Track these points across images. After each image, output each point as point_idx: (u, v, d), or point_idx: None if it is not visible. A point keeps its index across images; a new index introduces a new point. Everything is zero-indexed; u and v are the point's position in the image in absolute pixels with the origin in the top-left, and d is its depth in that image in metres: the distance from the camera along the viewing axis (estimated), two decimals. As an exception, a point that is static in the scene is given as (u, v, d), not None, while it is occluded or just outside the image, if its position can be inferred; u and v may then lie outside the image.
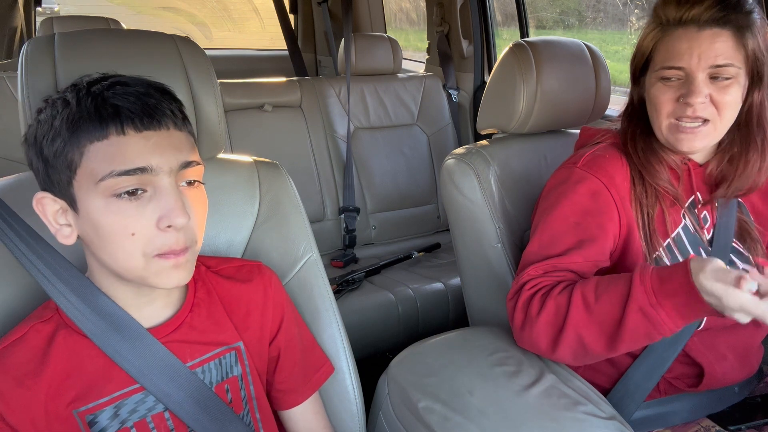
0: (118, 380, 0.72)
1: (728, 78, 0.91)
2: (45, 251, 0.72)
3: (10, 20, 2.63)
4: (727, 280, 0.73)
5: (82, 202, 0.66)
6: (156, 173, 0.66)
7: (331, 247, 2.20)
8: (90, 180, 0.65)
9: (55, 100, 0.68)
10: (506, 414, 0.85)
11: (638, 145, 1.00)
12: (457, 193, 1.24)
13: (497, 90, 1.30)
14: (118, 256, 0.67)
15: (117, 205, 0.65)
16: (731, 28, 0.90)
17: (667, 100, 0.94)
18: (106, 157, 0.65)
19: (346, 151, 2.23)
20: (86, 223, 0.67)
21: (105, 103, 0.65)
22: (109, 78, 0.69)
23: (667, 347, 0.98)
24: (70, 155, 0.65)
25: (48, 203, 0.69)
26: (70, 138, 0.65)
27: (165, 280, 0.68)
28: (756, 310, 0.72)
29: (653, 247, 0.97)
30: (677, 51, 0.92)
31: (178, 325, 0.76)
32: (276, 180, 1.01)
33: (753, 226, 1.04)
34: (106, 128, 0.65)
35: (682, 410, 1.03)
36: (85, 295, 0.71)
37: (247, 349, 0.82)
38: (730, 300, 0.72)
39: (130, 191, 0.65)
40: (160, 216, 0.66)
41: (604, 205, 0.97)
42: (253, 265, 0.87)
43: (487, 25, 2.42)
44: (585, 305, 0.85)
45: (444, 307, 1.90)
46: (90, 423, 0.70)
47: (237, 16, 7.31)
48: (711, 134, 0.94)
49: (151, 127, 0.66)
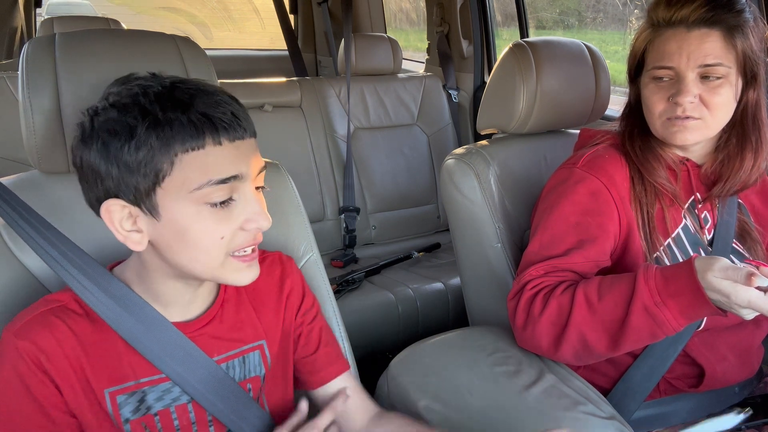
0: (146, 366, 0.73)
1: (719, 78, 0.91)
2: (56, 238, 0.73)
3: (11, 20, 2.63)
4: (737, 277, 0.73)
5: (167, 209, 0.66)
6: (243, 180, 0.68)
7: (331, 247, 2.20)
8: (181, 188, 0.66)
9: (125, 104, 0.65)
10: (506, 414, 0.85)
11: (636, 143, 1.01)
12: (457, 193, 1.24)
13: (497, 90, 1.30)
14: (200, 259, 0.69)
15: (209, 212, 0.67)
16: (720, 29, 0.90)
17: (659, 100, 0.95)
18: (202, 167, 0.65)
19: (346, 151, 2.23)
20: (169, 228, 0.67)
21: (197, 112, 0.65)
22: (171, 81, 0.68)
23: (667, 347, 0.98)
24: (158, 164, 0.65)
25: (116, 210, 0.68)
26: (161, 147, 0.64)
27: (241, 277, 0.72)
28: (764, 306, 0.73)
29: (653, 247, 0.97)
30: (667, 51, 0.93)
31: (209, 320, 0.77)
32: (276, 180, 1.01)
33: (753, 226, 1.05)
34: (202, 138, 0.65)
35: (682, 410, 1.03)
36: (98, 280, 0.72)
37: (271, 345, 0.82)
38: (739, 296, 0.73)
39: (223, 201, 0.67)
40: (246, 219, 0.69)
41: (604, 204, 0.97)
42: (274, 257, 0.88)
43: (487, 26, 2.42)
44: (588, 305, 0.86)
45: (444, 307, 1.90)
46: (120, 405, 0.72)
47: (237, 16, 7.31)
48: (702, 129, 0.95)
49: (239, 137, 0.68)
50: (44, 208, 0.79)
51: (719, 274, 0.75)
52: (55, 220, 0.76)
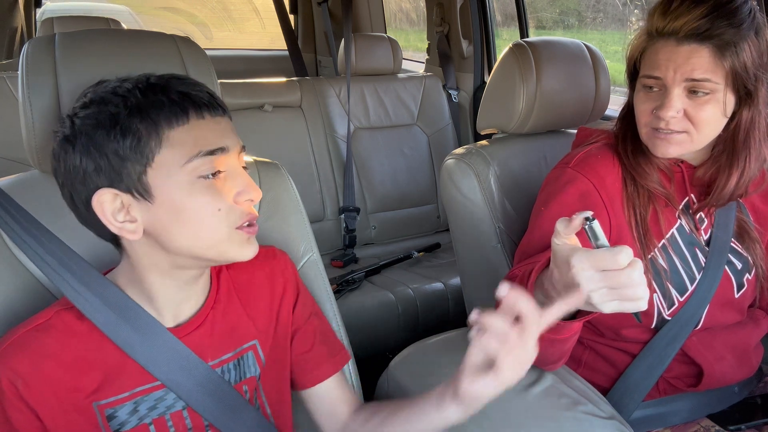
0: (138, 375, 0.72)
1: (706, 93, 0.89)
2: (51, 242, 0.73)
3: (11, 20, 2.63)
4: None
5: (160, 188, 0.67)
6: (229, 154, 0.70)
7: (331, 247, 2.21)
8: (172, 165, 0.67)
9: (102, 98, 0.67)
10: (506, 414, 0.85)
11: (629, 147, 1.00)
12: (457, 193, 1.25)
13: (497, 90, 1.30)
14: (201, 234, 0.69)
15: (202, 184, 0.68)
16: (711, 45, 0.88)
17: (645, 110, 0.94)
18: (189, 139, 0.67)
19: (346, 151, 2.24)
20: (164, 209, 0.68)
21: (176, 92, 0.68)
22: (145, 75, 0.70)
23: (665, 346, 0.98)
24: (146, 145, 0.66)
25: (107, 200, 0.67)
26: (147, 128, 0.66)
27: (245, 252, 0.72)
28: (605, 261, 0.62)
29: (648, 248, 0.97)
30: (656, 62, 0.91)
31: (201, 322, 0.77)
32: (276, 180, 1.01)
33: (752, 225, 1.05)
34: (186, 114, 0.67)
35: (681, 410, 1.03)
36: (94, 286, 0.71)
37: (264, 343, 0.82)
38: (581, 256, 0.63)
39: (213, 172, 0.68)
40: (238, 191, 0.70)
41: (592, 206, 0.96)
42: (268, 252, 0.86)
43: (487, 26, 2.42)
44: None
45: (444, 307, 1.90)
46: (109, 417, 0.71)
47: (237, 16, 7.30)
48: (686, 143, 0.94)
49: (219, 114, 0.71)
50: (43, 209, 0.79)
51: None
52: (53, 221, 0.76)
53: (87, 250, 0.76)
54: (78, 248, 0.74)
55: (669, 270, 0.98)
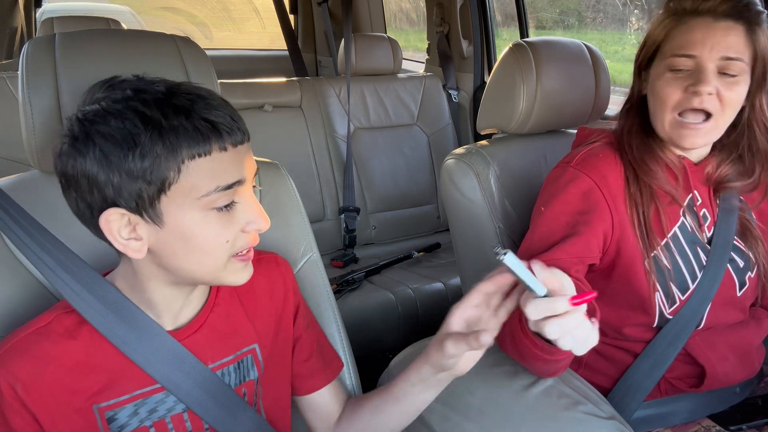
0: (138, 378, 0.72)
1: (735, 75, 0.91)
2: (51, 243, 0.72)
3: (11, 20, 2.63)
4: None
5: (172, 215, 0.65)
6: (244, 184, 0.69)
7: (331, 247, 2.21)
8: (188, 195, 0.65)
9: (120, 111, 0.63)
10: (506, 414, 0.85)
11: (634, 143, 1.00)
12: (457, 193, 1.25)
13: (497, 90, 1.30)
14: (204, 263, 0.69)
15: (214, 216, 0.67)
16: (744, 23, 0.91)
17: (674, 90, 0.93)
18: (209, 173, 0.65)
19: (346, 151, 2.24)
20: (173, 235, 0.66)
21: (200, 118, 0.64)
22: (167, 87, 0.66)
23: (667, 346, 0.98)
24: (165, 171, 0.63)
25: (114, 221, 0.66)
26: (167, 155, 0.63)
27: (239, 277, 0.72)
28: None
29: (651, 246, 0.97)
30: (690, 40, 0.92)
31: (201, 325, 0.77)
32: (276, 180, 1.01)
33: (755, 223, 1.04)
34: (209, 144, 0.64)
35: (682, 410, 1.03)
36: (93, 288, 0.71)
37: (263, 348, 0.82)
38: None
39: (227, 204, 0.67)
40: (247, 221, 0.69)
41: (594, 204, 0.97)
42: (270, 259, 0.87)
43: (487, 26, 2.42)
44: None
45: (444, 307, 1.88)
46: (109, 420, 0.71)
47: (237, 16, 7.30)
48: (713, 131, 0.95)
49: (239, 141, 0.68)
50: (43, 209, 0.79)
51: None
52: (53, 221, 0.76)
53: (87, 250, 0.76)
54: (78, 249, 0.74)
55: (672, 269, 0.98)
